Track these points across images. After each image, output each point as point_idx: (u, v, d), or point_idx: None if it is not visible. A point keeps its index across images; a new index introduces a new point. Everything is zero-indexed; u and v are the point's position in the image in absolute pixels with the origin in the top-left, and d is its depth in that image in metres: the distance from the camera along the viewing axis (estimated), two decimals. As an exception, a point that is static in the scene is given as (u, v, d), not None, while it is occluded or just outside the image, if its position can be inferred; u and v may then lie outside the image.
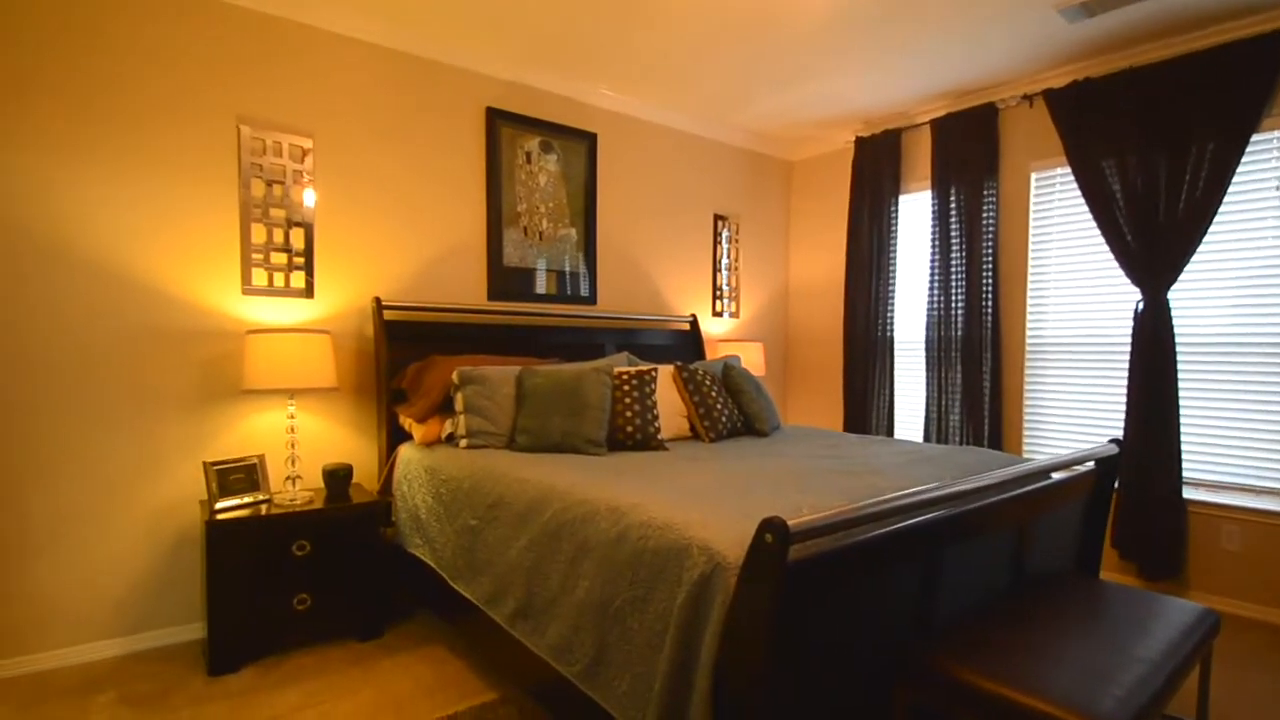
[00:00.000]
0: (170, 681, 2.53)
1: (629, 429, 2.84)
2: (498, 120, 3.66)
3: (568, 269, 3.97)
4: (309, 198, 3.09)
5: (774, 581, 1.33)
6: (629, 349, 4.01)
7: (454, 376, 2.94)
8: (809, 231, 5.12)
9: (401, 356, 3.22)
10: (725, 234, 4.77)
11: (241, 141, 2.92)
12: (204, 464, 2.67)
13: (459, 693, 2.45)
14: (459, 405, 2.89)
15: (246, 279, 2.95)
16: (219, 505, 2.66)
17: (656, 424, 2.89)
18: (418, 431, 2.99)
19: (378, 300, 3.20)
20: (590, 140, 4.02)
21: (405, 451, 3.05)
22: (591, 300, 4.06)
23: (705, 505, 1.79)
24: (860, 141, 4.58)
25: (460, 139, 3.55)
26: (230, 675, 2.57)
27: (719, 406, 3.19)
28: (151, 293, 2.77)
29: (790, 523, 1.33)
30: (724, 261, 4.78)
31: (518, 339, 3.64)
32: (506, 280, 3.73)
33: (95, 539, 2.69)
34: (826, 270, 4.98)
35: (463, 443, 2.83)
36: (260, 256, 2.98)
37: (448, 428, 2.95)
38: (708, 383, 3.25)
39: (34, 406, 2.57)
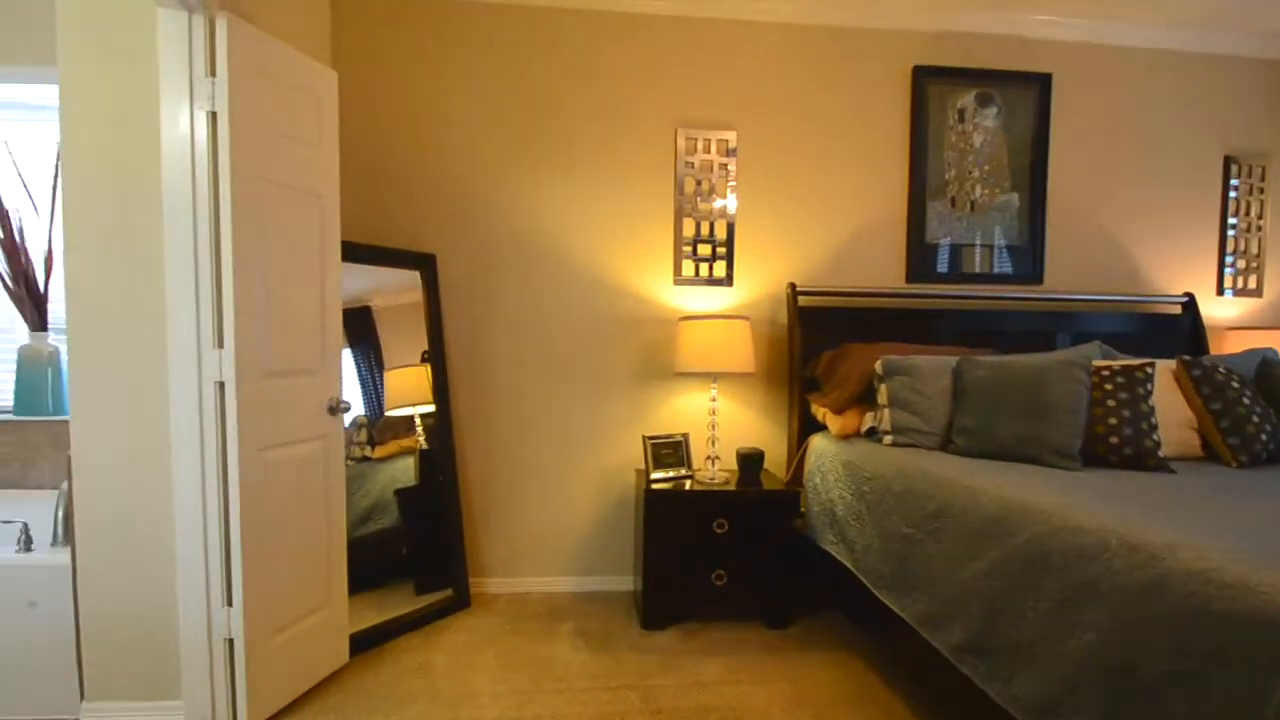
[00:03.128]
0: (612, 625, 2.85)
1: (1113, 440, 2.23)
2: (925, 79, 3.27)
3: (1006, 242, 3.38)
4: (731, 189, 3.18)
5: None
6: (1087, 337, 3.24)
7: (877, 366, 2.70)
8: (1391, 169, 3.50)
9: (813, 343, 3.11)
10: (1239, 182, 3.54)
11: (677, 143, 3.14)
12: (643, 437, 2.94)
13: (881, 713, 2.23)
14: (883, 398, 2.64)
15: (677, 270, 3.18)
16: (653, 476, 2.90)
17: (1155, 436, 2.21)
18: (833, 423, 2.83)
19: (792, 286, 3.13)
20: (1041, 83, 3.34)
21: (818, 443, 2.93)
22: (1036, 278, 3.39)
23: (1296, 566, 1.22)
24: None
25: (880, 108, 3.27)
26: (658, 632, 2.79)
27: (1254, 418, 2.32)
28: (605, 285, 3.17)
29: None
30: (1237, 220, 3.55)
31: (942, 325, 3.22)
32: (929, 259, 3.33)
33: (560, 490, 3.20)
34: None
35: (887, 439, 2.58)
36: (689, 248, 3.18)
37: (868, 421, 2.73)
38: (1234, 385, 2.39)
39: (531, 378, 3.16)
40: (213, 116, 1.94)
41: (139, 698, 2.03)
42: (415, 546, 2.88)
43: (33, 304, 2.67)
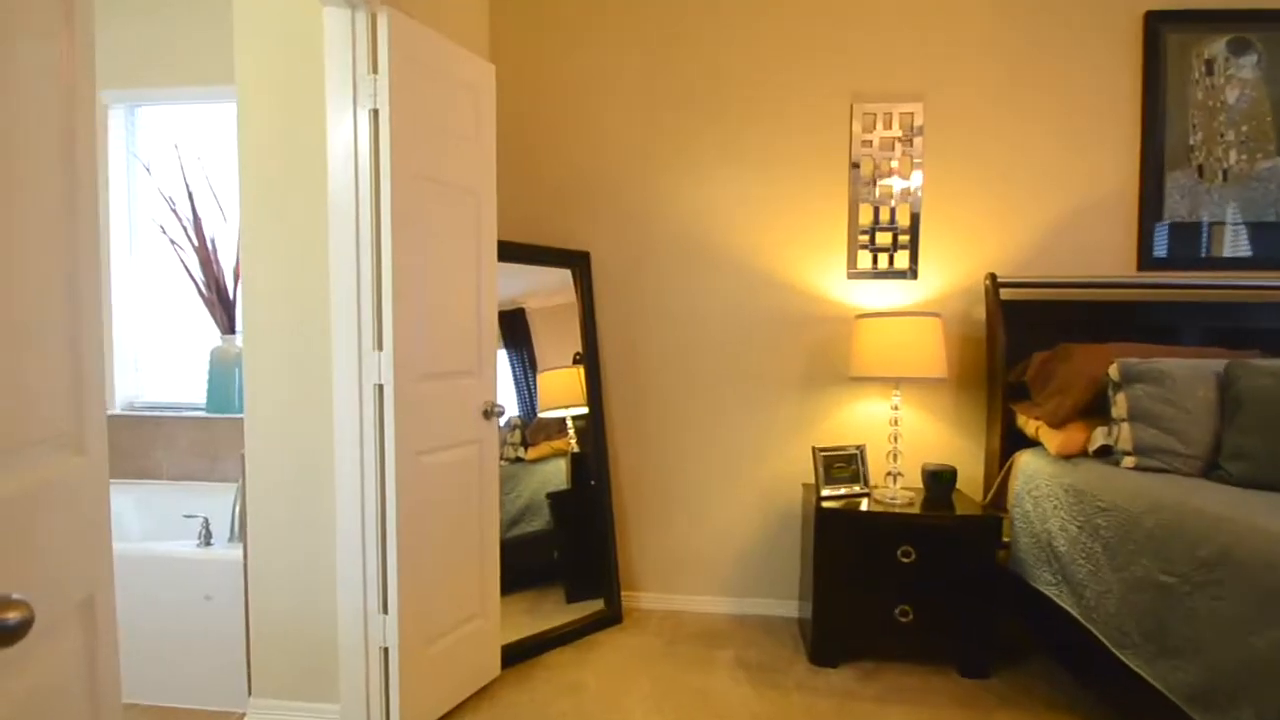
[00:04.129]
0: (776, 657, 2.57)
1: None
2: (1161, 26, 2.70)
3: (1272, 218, 2.72)
4: (915, 169, 2.80)
5: None
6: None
7: (1112, 371, 2.23)
8: None
9: (1018, 344, 2.65)
10: None
11: (853, 119, 2.81)
12: (813, 449, 2.64)
13: (1128, 804, 1.79)
14: (1120, 410, 2.16)
15: (851, 262, 2.85)
16: (824, 492, 2.59)
17: None
18: (1050, 439, 2.38)
19: (992, 277, 2.69)
20: (1327, 18, 2.66)
21: (1028, 461, 2.48)
22: (1316, 262, 2.71)
23: None
24: None
25: (1102, 64, 2.74)
26: (830, 669, 2.48)
27: None
28: (770, 281, 2.90)
29: None
30: None
31: (1187, 322, 2.65)
32: (1168, 241, 2.75)
33: (718, 502, 2.96)
34: None
35: (1127, 461, 2.11)
36: (865, 238, 2.84)
37: (1098, 438, 2.25)
38: None
39: (688, 381, 2.96)
40: (374, 114, 1.90)
41: (300, 698, 2.04)
42: (566, 552, 2.79)
43: (223, 308, 2.85)
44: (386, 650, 1.95)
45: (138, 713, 2.16)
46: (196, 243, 2.83)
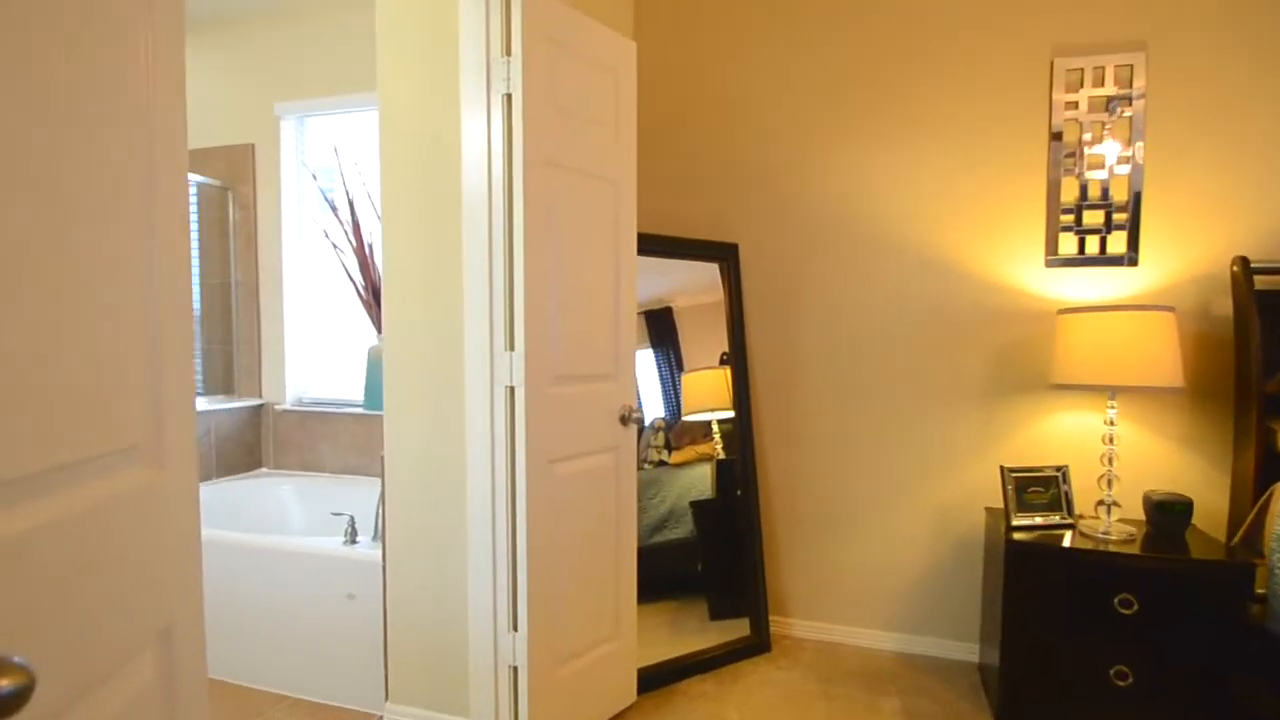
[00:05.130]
0: (954, 711, 2.21)
1: None
2: None
3: None
4: (1136, 134, 2.29)
5: None
6: None
7: None
8: None
9: (1276, 345, 2.10)
10: None
11: (1054, 78, 2.36)
12: (1002, 469, 2.24)
13: None
14: None
15: (1051, 247, 2.40)
16: (1015, 521, 2.19)
17: None
18: (1337, 468, 1.83)
19: (1243, 262, 2.14)
20: None
21: (1300, 495, 1.94)
22: None
23: None
24: None
25: None
26: (1023, 732, 2.08)
27: None
28: (947, 271, 2.52)
29: None
30: None
31: None
32: None
33: (882, 523, 2.63)
34: None
35: None
36: (1069, 218, 2.38)
37: None
38: None
39: (848, 385, 2.65)
40: (507, 99, 1.80)
41: (434, 708, 1.98)
42: (710, 564, 2.58)
43: (378, 309, 2.93)
44: (516, 669, 1.84)
45: (286, 707, 2.22)
46: (355, 245, 2.94)
